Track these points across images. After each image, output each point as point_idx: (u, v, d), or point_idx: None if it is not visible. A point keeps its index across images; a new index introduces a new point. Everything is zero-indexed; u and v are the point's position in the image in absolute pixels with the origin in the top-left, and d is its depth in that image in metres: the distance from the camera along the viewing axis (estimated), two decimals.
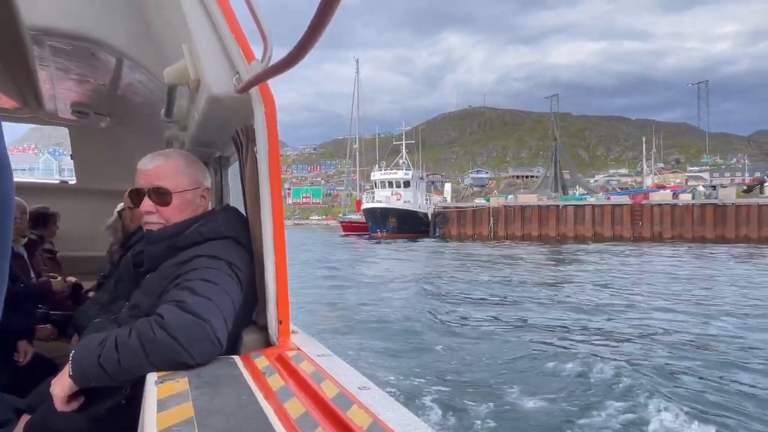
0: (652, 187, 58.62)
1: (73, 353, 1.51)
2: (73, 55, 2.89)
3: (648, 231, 41.97)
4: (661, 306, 12.58)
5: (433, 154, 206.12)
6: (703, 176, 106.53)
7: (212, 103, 1.69)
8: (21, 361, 2.89)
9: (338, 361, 1.44)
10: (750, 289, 15.20)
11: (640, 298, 13.84)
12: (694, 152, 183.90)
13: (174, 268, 1.68)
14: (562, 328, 10.26)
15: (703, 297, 13.95)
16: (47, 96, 3.82)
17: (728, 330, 9.90)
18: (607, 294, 14.74)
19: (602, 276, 19.24)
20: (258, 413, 1.09)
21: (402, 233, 45.15)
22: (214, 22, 1.60)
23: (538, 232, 44.67)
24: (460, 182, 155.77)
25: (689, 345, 8.83)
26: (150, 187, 1.83)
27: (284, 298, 1.61)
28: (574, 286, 16.33)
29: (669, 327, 10.15)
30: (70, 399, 1.54)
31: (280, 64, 1.01)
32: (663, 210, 42.30)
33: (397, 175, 54.03)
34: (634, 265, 24.00)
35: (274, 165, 1.62)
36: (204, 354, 1.41)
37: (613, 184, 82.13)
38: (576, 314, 11.57)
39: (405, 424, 1.02)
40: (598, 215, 43.77)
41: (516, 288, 15.98)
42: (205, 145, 2.42)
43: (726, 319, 10.72)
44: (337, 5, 0.67)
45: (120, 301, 2.03)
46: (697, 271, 20.41)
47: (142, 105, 3.50)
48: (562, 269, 22.24)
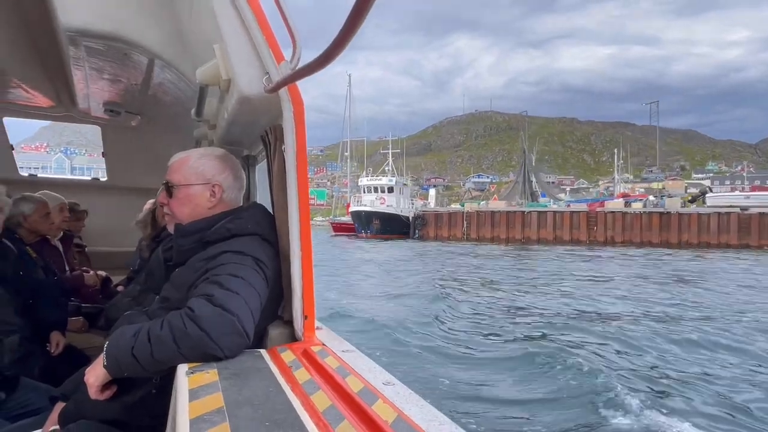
0: (618, 197, 62.98)
1: (107, 344, 1.56)
2: (107, 55, 2.97)
3: (602, 235, 46.58)
4: (592, 294, 15.45)
5: (439, 157, 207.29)
6: (704, 183, 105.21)
7: (242, 103, 1.72)
8: (53, 352, 2.99)
9: (362, 356, 1.46)
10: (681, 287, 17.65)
11: (571, 288, 16.85)
12: (699, 159, 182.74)
13: (202, 263, 1.72)
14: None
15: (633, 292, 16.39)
16: (81, 95, 3.92)
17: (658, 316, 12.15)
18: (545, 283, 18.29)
19: (548, 270, 23.29)
20: (285, 404, 1.12)
21: (385, 234, 48.99)
22: (245, 24, 1.63)
23: (506, 234, 49.45)
24: (462, 186, 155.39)
25: (609, 323, 11.08)
26: (166, 180, 1.94)
27: (309, 294, 1.64)
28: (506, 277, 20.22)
29: (596, 309, 12.86)
30: (104, 388, 1.59)
31: (311, 66, 1.02)
32: (615, 217, 47.15)
33: (382, 182, 59.04)
34: (580, 262, 28.48)
35: (302, 164, 1.65)
36: (233, 346, 1.45)
37: (612, 190, 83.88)
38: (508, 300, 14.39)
39: (429, 419, 1.04)
40: (559, 220, 48.59)
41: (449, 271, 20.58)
42: (234, 144, 2.47)
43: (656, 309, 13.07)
44: (368, 10, 0.68)
45: (150, 294, 2.09)
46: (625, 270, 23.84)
47: (172, 104, 3.58)
48: (505, 263, 26.61)
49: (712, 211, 44.89)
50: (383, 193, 56.27)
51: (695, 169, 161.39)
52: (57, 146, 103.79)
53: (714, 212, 44.45)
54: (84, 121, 4.88)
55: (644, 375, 7.43)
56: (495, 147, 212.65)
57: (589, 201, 61.00)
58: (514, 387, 6.81)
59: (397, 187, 57.47)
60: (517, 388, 6.78)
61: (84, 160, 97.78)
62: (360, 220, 51.99)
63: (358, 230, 52.21)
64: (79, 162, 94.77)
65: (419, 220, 53.32)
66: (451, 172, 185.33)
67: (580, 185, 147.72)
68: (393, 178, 59.95)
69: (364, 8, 0.68)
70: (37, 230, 3.54)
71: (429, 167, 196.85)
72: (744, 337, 9.70)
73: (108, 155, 5.45)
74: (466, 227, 51.28)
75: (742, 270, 24.06)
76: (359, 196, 58.48)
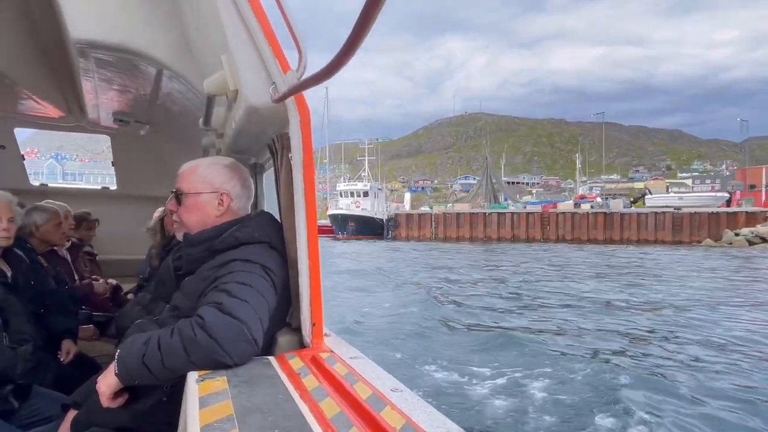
0: (577, 198, 69.82)
1: (119, 352, 1.58)
2: (116, 66, 3.00)
3: (554, 234, 51.79)
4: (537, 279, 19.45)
5: (429, 159, 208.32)
6: (687, 183, 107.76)
7: (249, 113, 1.74)
8: (65, 360, 3.01)
9: (370, 363, 1.46)
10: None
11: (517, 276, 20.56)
12: (685, 158, 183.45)
13: (211, 271, 1.74)
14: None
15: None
16: (90, 105, 3.97)
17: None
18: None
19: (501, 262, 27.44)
20: (294, 412, 1.13)
21: (360, 235, 53.35)
22: (251, 34, 1.65)
23: (470, 234, 54.59)
24: (450, 187, 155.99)
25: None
26: (175, 188, 1.96)
27: (317, 302, 1.65)
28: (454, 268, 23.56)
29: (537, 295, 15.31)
30: (115, 396, 1.61)
31: (317, 76, 1.03)
32: (565, 217, 52.72)
33: (358, 186, 63.92)
34: (528, 254, 33.67)
35: (309, 172, 1.66)
36: (242, 354, 1.46)
37: (596, 191, 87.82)
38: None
39: (437, 425, 1.04)
40: (516, 221, 54.29)
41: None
42: (241, 153, 2.49)
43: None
44: (374, 20, 0.69)
45: (160, 302, 2.11)
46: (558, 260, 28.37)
47: (180, 113, 3.61)
48: (459, 258, 30.36)
49: (649, 211, 50.55)
50: (359, 198, 60.75)
51: (681, 169, 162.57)
52: (48, 151, 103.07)
53: (651, 212, 50.03)
54: (94, 131, 4.94)
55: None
56: (484, 148, 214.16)
57: (544, 203, 68.03)
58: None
59: (372, 192, 62.16)
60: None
61: (76, 166, 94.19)
62: (337, 222, 55.95)
63: (336, 232, 55.85)
64: (71, 167, 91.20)
65: (392, 221, 58.71)
66: (442, 173, 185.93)
67: (567, 185, 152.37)
68: (368, 184, 65.00)
69: (370, 18, 0.68)
70: (49, 240, 3.58)
71: (419, 169, 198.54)
72: (669, 317, 11.89)
73: (117, 164, 5.51)
74: (434, 228, 56.43)
75: (673, 261, 28.11)
76: (337, 200, 62.76)
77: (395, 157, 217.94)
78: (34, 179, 5.65)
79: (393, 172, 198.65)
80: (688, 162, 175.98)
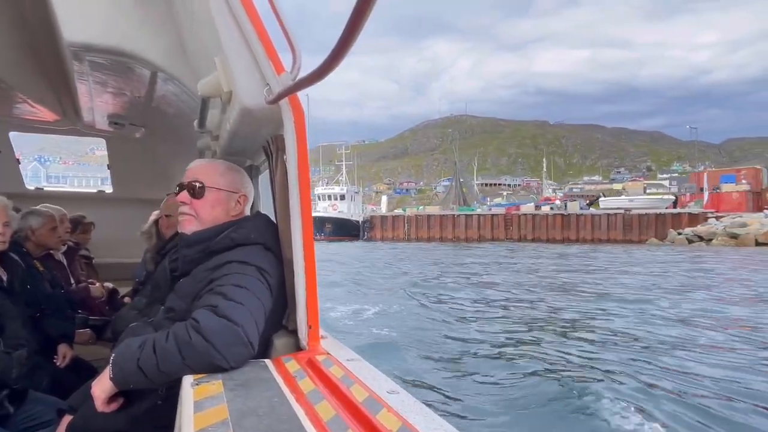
0: (541, 200, 76.17)
1: (113, 357, 1.57)
2: (111, 69, 3.00)
3: (516, 234, 55.95)
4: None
5: (415, 161, 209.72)
6: (664, 184, 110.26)
7: (244, 115, 1.73)
8: (61, 365, 3.00)
9: (367, 365, 1.46)
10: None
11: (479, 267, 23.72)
12: (666, 160, 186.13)
13: (207, 273, 1.73)
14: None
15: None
16: (85, 108, 3.96)
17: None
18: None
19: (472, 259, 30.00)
20: (290, 415, 1.12)
21: (337, 236, 54.40)
22: (245, 36, 1.64)
23: (440, 234, 58.14)
24: (433, 189, 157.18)
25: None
26: (189, 180, 1.94)
27: (314, 304, 1.64)
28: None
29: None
30: (110, 400, 1.60)
31: (310, 77, 1.03)
32: (527, 218, 57.17)
33: (335, 190, 67.62)
34: (492, 252, 36.85)
35: (304, 173, 1.66)
36: (237, 357, 1.46)
37: (575, 191, 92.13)
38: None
39: (434, 428, 1.04)
40: (482, 222, 58.32)
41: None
42: (237, 154, 2.48)
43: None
44: (365, 21, 0.69)
45: (156, 305, 2.10)
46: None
47: (175, 116, 3.60)
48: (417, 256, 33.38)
49: (602, 213, 55.47)
50: (335, 201, 64.31)
51: (661, 170, 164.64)
52: (30, 154, 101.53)
53: (604, 213, 54.79)
54: (89, 134, 4.92)
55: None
56: (470, 150, 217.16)
57: (507, 205, 75.61)
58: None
59: (349, 195, 66.00)
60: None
61: (59, 169, 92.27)
62: (315, 225, 58.23)
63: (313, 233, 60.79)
64: (55, 170, 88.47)
65: (367, 223, 61.53)
66: (427, 175, 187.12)
67: (549, 185, 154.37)
68: (344, 187, 68.74)
69: (362, 18, 0.68)
70: (45, 244, 3.56)
71: (405, 170, 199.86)
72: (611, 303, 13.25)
73: (113, 167, 5.49)
74: (407, 229, 59.81)
75: (624, 256, 31.52)
76: (315, 203, 66.34)
77: (381, 158, 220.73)
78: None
79: (379, 173, 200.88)
80: (668, 163, 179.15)
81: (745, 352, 8.33)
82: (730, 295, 14.92)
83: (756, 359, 7.84)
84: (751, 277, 19.08)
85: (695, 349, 8.50)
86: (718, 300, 13.82)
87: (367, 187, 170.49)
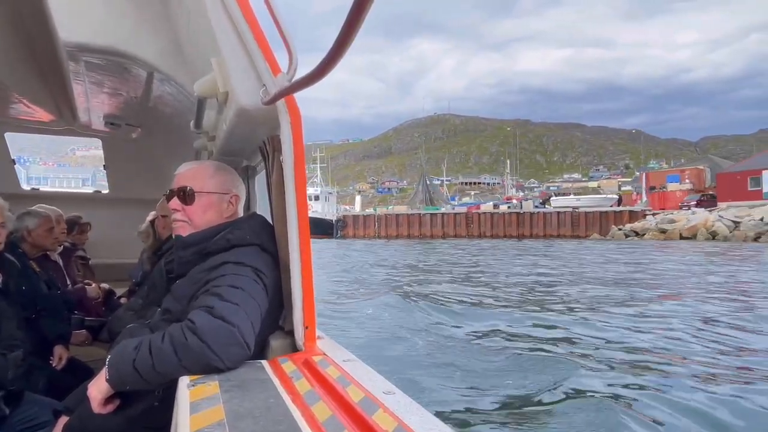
0: (504, 200, 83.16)
1: (110, 358, 1.57)
2: (107, 69, 2.99)
3: (477, 231, 60.97)
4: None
5: (399, 159, 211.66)
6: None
7: (240, 115, 1.73)
8: (57, 366, 2.99)
9: (363, 366, 1.46)
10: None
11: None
12: (644, 158, 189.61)
13: (203, 274, 1.73)
14: None
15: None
16: (81, 109, 3.95)
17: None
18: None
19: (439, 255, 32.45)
20: (286, 416, 1.12)
21: (312, 235, 56.98)
22: (241, 37, 1.64)
23: (407, 232, 63.03)
24: (415, 188, 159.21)
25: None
26: (178, 186, 1.94)
27: (310, 304, 1.64)
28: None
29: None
30: (107, 401, 1.59)
31: (307, 78, 1.03)
32: (486, 217, 62.78)
33: (309, 191, 73.00)
34: (453, 246, 40.71)
35: (300, 174, 1.66)
36: (233, 358, 1.46)
37: (553, 190, 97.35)
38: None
39: (430, 428, 1.04)
40: (446, 220, 63.47)
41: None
42: (233, 155, 2.48)
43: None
44: (361, 22, 0.69)
45: (153, 306, 2.09)
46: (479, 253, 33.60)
47: (171, 116, 3.60)
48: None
49: (553, 211, 61.09)
50: (310, 201, 69.83)
51: (639, 168, 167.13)
52: (11, 154, 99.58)
53: (554, 212, 60.52)
54: (85, 135, 4.91)
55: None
56: (453, 149, 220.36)
57: (468, 204, 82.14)
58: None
59: (323, 195, 68.91)
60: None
61: (40, 170, 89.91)
62: None
63: None
64: (35, 172, 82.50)
65: (341, 222, 64.67)
66: (411, 173, 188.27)
67: (530, 185, 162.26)
68: (319, 188, 71.72)
69: (359, 18, 0.68)
70: (41, 245, 3.56)
71: (389, 169, 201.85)
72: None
73: (109, 167, 5.48)
74: (378, 227, 64.68)
75: (574, 250, 35.45)
76: None
77: (366, 158, 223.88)
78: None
79: (363, 172, 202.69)
80: (645, 161, 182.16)
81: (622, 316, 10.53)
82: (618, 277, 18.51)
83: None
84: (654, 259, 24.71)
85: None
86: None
87: (350, 186, 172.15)
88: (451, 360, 7.80)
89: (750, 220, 40.47)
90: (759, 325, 9.63)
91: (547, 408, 5.77)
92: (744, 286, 15.47)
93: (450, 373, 7.22)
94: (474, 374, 7.13)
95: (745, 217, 41.23)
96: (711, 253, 28.87)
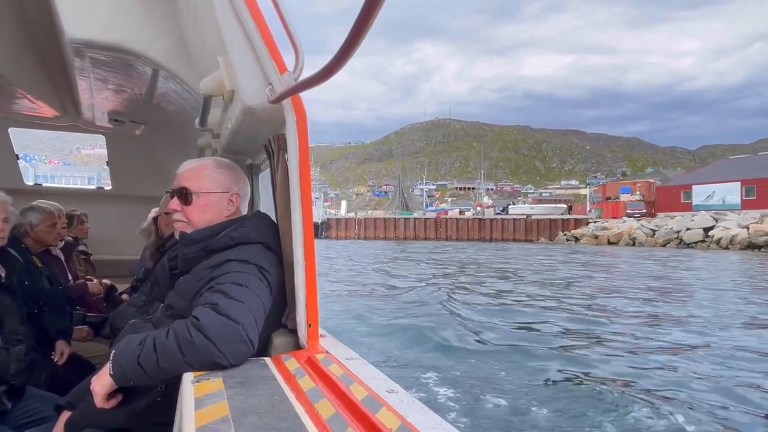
0: (475, 207, 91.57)
1: (113, 353, 1.57)
2: (112, 66, 3.00)
3: (444, 234, 68.88)
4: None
5: (400, 163, 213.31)
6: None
7: (246, 114, 1.74)
8: (59, 361, 2.99)
9: (366, 364, 1.46)
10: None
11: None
12: (641, 165, 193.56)
13: (207, 271, 1.73)
14: None
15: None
16: (86, 105, 3.96)
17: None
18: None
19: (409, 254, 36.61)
20: (290, 413, 1.13)
21: None
22: (248, 36, 1.64)
23: (384, 234, 71.18)
24: (412, 191, 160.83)
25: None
26: (177, 187, 1.93)
27: (313, 303, 1.64)
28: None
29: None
30: (110, 396, 1.60)
31: (314, 78, 1.03)
32: (452, 221, 70.92)
33: None
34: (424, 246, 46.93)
35: (305, 172, 1.66)
36: (237, 355, 1.46)
37: (546, 196, 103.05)
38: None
39: (433, 427, 1.04)
40: (418, 224, 71.74)
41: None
42: (238, 153, 2.48)
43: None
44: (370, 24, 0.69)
45: (155, 303, 2.10)
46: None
47: (176, 113, 3.60)
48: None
49: (510, 218, 69.11)
50: None
51: (636, 175, 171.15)
52: (17, 152, 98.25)
53: (511, 218, 68.46)
54: (89, 131, 4.92)
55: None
56: (453, 153, 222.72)
57: (439, 210, 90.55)
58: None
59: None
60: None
61: (46, 168, 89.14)
62: None
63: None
64: (42, 170, 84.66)
65: (325, 224, 72.14)
66: (411, 177, 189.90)
67: (527, 190, 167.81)
68: None
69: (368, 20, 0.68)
70: (44, 240, 3.56)
71: (390, 173, 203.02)
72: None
73: (112, 164, 5.48)
74: (358, 229, 72.61)
75: (525, 251, 40.12)
76: None
77: (366, 161, 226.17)
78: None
79: (364, 175, 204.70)
80: (643, 168, 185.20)
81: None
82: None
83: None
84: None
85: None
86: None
87: (351, 188, 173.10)
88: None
89: (666, 228, 46.60)
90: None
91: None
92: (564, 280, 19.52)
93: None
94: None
95: (663, 227, 47.43)
96: (595, 253, 36.05)
